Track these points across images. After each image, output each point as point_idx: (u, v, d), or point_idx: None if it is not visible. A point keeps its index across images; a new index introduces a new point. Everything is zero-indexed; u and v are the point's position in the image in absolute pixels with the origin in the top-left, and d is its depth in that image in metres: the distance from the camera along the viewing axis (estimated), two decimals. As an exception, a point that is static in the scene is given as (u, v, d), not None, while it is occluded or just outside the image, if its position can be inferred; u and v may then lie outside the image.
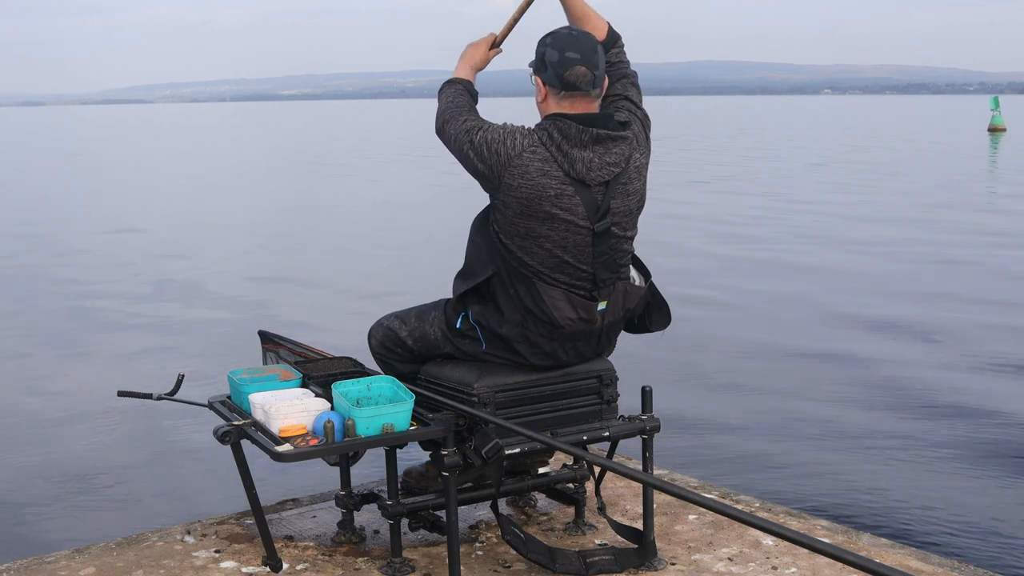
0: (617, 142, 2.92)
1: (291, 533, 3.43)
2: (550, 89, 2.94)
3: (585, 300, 2.96)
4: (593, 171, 2.88)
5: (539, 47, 2.98)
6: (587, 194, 2.88)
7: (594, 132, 2.88)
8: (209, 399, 3.24)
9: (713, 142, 42.92)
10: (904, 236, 14.30)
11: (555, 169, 2.86)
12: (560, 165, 2.86)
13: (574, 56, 2.89)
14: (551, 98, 2.94)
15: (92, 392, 6.96)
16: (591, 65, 2.90)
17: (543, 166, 2.85)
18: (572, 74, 2.89)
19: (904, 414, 6.32)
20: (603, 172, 2.89)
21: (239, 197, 21.85)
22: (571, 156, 2.86)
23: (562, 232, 2.88)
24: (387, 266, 12.47)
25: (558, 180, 2.86)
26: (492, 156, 2.89)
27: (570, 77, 2.89)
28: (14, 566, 3.23)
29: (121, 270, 12.27)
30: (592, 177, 2.88)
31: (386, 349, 3.26)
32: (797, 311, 9.46)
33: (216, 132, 67.19)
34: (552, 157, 2.86)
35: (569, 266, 2.92)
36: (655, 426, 3.15)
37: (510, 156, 2.86)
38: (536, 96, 3.01)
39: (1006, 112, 50.99)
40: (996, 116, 47.84)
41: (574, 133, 2.86)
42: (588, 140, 2.87)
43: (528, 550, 3.03)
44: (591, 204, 2.89)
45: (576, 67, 2.89)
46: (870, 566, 1.87)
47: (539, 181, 2.85)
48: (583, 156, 2.87)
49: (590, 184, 2.88)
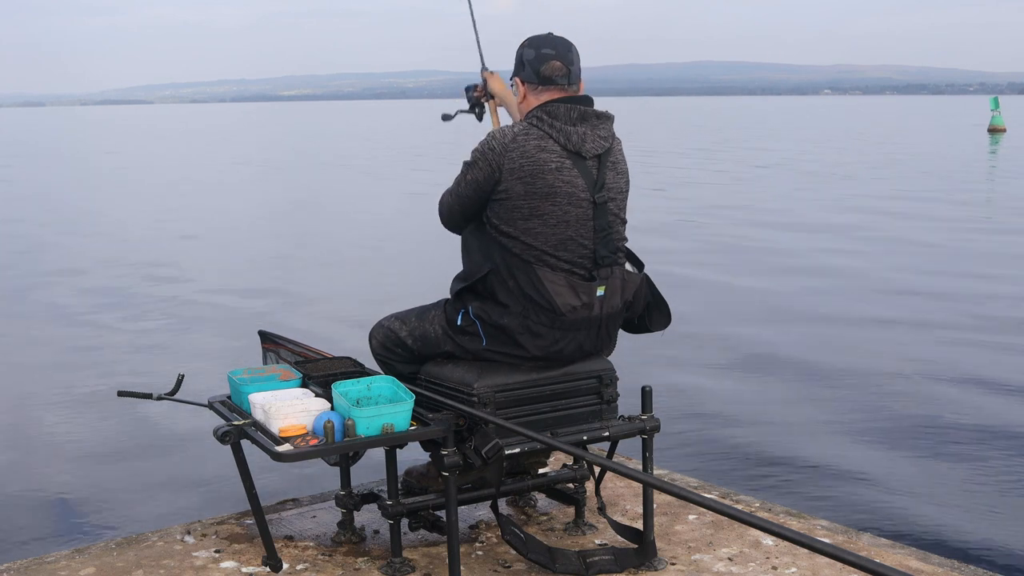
0: (602, 119, 3.06)
1: (291, 533, 3.43)
2: (528, 87, 3.09)
3: (585, 282, 3.00)
4: (587, 143, 3.00)
5: (518, 50, 3.15)
6: (584, 167, 3.00)
7: (581, 109, 3.02)
8: (209, 399, 3.24)
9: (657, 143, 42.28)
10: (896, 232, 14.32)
11: (552, 144, 2.97)
12: (556, 140, 2.97)
13: (549, 52, 3.06)
14: (530, 95, 3.09)
15: (92, 392, 6.97)
16: (566, 61, 3.07)
17: (540, 143, 2.96)
18: (548, 68, 3.05)
19: (904, 414, 6.32)
20: (596, 145, 3.02)
21: (241, 197, 21.86)
22: (565, 131, 2.98)
23: (564, 206, 2.96)
24: (393, 269, 12.47)
25: (556, 154, 2.96)
26: (489, 154, 2.99)
27: (546, 71, 3.05)
28: (14, 566, 3.23)
29: (122, 269, 12.27)
30: (587, 149, 3.00)
31: (387, 350, 3.27)
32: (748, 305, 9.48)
33: (221, 132, 67.18)
34: (546, 134, 2.98)
35: (572, 242, 2.99)
36: (655, 426, 3.15)
37: (505, 145, 2.97)
38: (516, 99, 3.16)
39: (1006, 112, 50.98)
40: (996, 116, 47.84)
41: (562, 112, 3.00)
42: (576, 117, 3.01)
43: (528, 550, 3.03)
44: (588, 176, 3.00)
45: (552, 61, 3.05)
46: (870, 566, 1.87)
47: (539, 156, 2.95)
48: (576, 130, 2.99)
49: (585, 156, 3.00)
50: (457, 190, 3.08)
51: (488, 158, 2.98)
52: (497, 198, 2.98)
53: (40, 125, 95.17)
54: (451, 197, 3.12)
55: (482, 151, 3.00)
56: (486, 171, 2.98)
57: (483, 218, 3.05)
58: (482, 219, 3.06)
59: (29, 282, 11.56)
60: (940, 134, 50.81)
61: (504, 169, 2.95)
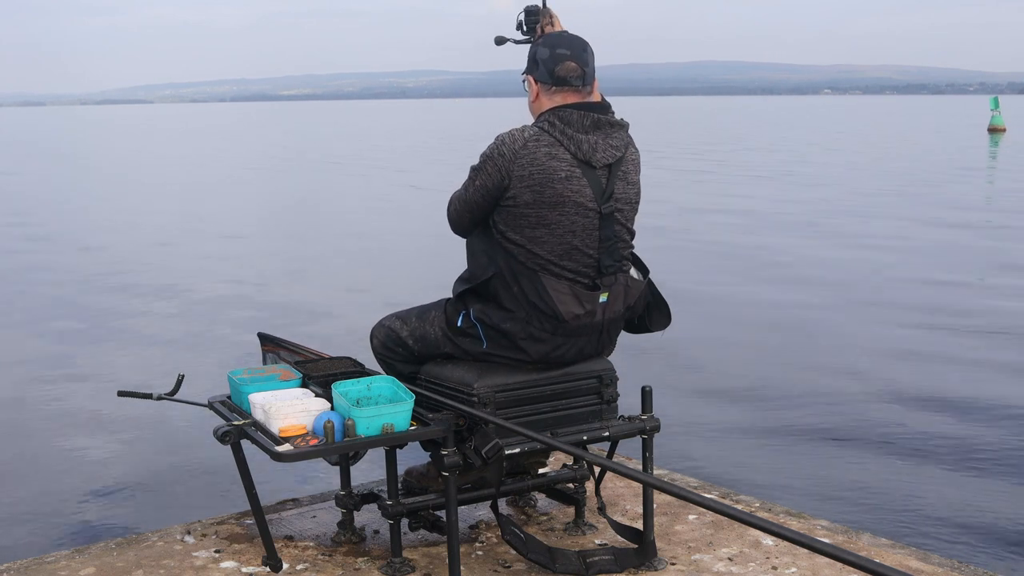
0: (616, 128, 3.00)
1: (291, 533, 3.43)
2: (541, 86, 3.01)
3: (588, 291, 2.98)
4: (598, 152, 2.95)
5: (531, 48, 3.08)
6: (593, 176, 2.94)
7: (594, 116, 2.96)
8: (209, 399, 3.24)
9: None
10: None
11: (562, 152, 2.92)
12: (567, 148, 2.92)
13: (564, 52, 2.98)
14: (543, 95, 3.02)
15: (92, 392, 6.97)
16: (581, 62, 2.99)
17: (550, 150, 2.91)
18: (562, 69, 2.97)
19: (904, 414, 6.32)
20: (607, 154, 2.96)
21: (243, 198, 21.85)
22: (576, 139, 2.93)
23: (572, 216, 2.93)
24: (395, 264, 12.47)
25: (566, 163, 2.91)
26: (499, 159, 2.93)
27: (560, 72, 2.97)
28: (14, 566, 3.23)
29: (122, 269, 12.26)
30: (598, 159, 2.94)
31: (387, 349, 3.27)
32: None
33: (221, 132, 67.17)
34: (557, 141, 2.92)
35: (577, 252, 2.95)
36: (655, 426, 3.15)
37: (515, 151, 2.91)
38: (528, 97, 3.09)
39: (1006, 112, 50.98)
40: (996, 116, 47.84)
41: (575, 119, 2.93)
42: (589, 125, 2.95)
43: (528, 550, 3.03)
44: (597, 186, 2.95)
45: (566, 62, 2.97)
46: (870, 566, 1.87)
47: (549, 164, 2.90)
48: (588, 139, 2.94)
49: (595, 166, 2.95)
50: (466, 195, 3.04)
51: (498, 164, 2.93)
52: (505, 204, 2.95)
53: (42, 125, 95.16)
54: (460, 203, 3.07)
55: (491, 156, 2.94)
56: (495, 177, 2.94)
57: (489, 222, 3.03)
58: (488, 223, 3.04)
59: (29, 282, 11.55)
60: (939, 134, 50.75)
61: (514, 176, 2.90)
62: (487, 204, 2.98)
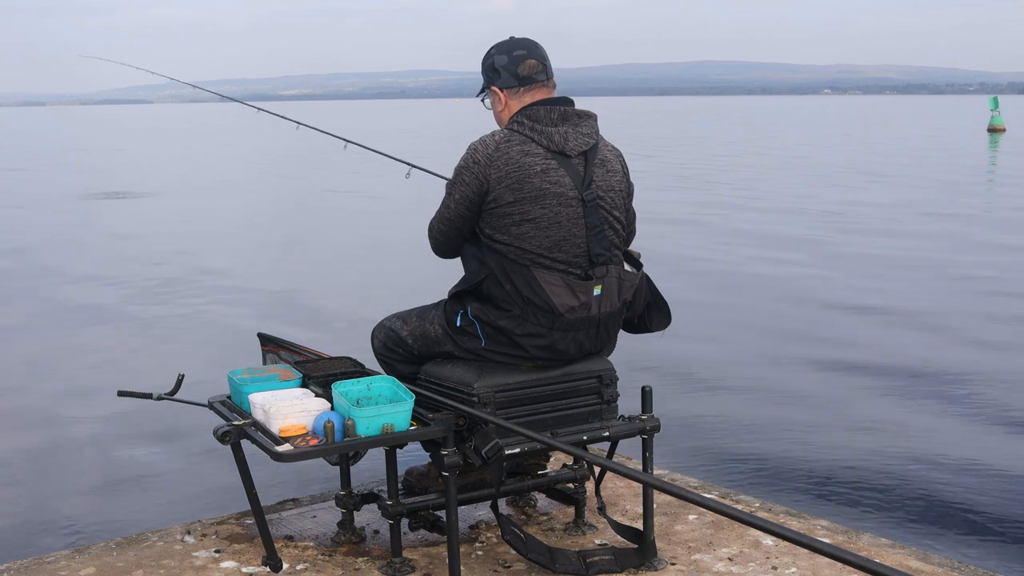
0: (583, 118, 3.05)
1: (291, 533, 3.43)
2: (508, 92, 3.09)
3: (581, 281, 2.99)
4: (570, 141, 3.00)
5: (485, 62, 3.14)
6: (570, 165, 2.99)
7: (561, 109, 3.02)
8: (209, 399, 3.24)
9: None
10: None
11: (535, 147, 2.97)
12: (538, 142, 2.97)
13: (522, 52, 3.08)
14: (511, 100, 3.09)
15: (92, 392, 6.96)
16: (540, 58, 3.09)
17: (523, 147, 2.96)
18: (524, 67, 3.07)
19: (904, 414, 6.32)
20: (579, 142, 3.01)
21: (240, 197, 21.86)
22: (547, 132, 2.98)
23: (555, 207, 2.96)
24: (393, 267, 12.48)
25: (540, 156, 2.96)
26: (474, 167, 2.97)
27: (523, 71, 3.07)
28: (14, 566, 3.23)
29: (123, 269, 12.26)
30: (571, 147, 3.00)
31: (388, 350, 3.28)
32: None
33: (221, 131, 67.18)
34: (529, 138, 2.97)
35: (565, 242, 2.98)
36: (655, 426, 3.15)
37: (489, 156, 2.96)
38: (495, 108, 3.14)
39: (1006, 112, 50.96)
40: (996, 116, 47.83)
41: (542, 115, 3.00)
42: (557, 118, 3.01)
43: (528, 550, 3.04)
44: (576, 175, 3.00)
45: (526, 60, 3.07)
46: (870, 566, 1.87)
47: (523, 161, 2.94)
48: (558, 130, 2.99)
49: (570, 155, 3.00)
50: (447, 213, 3.05)
51: (474, 171, 2.96)
52: (487, 208, 2.98)
53: (45, 125, 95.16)
54: (442, 223, 3.08)
55: (467, 165, 2.99)
56: (474, 185, 2.97)
57: (476, 229, 3.05)
58: (475, 230, 3.05)
59: (29, 280, 11.55)
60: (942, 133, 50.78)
61: (492, 179, 2.94)
62: (470, 215, 3.00)
